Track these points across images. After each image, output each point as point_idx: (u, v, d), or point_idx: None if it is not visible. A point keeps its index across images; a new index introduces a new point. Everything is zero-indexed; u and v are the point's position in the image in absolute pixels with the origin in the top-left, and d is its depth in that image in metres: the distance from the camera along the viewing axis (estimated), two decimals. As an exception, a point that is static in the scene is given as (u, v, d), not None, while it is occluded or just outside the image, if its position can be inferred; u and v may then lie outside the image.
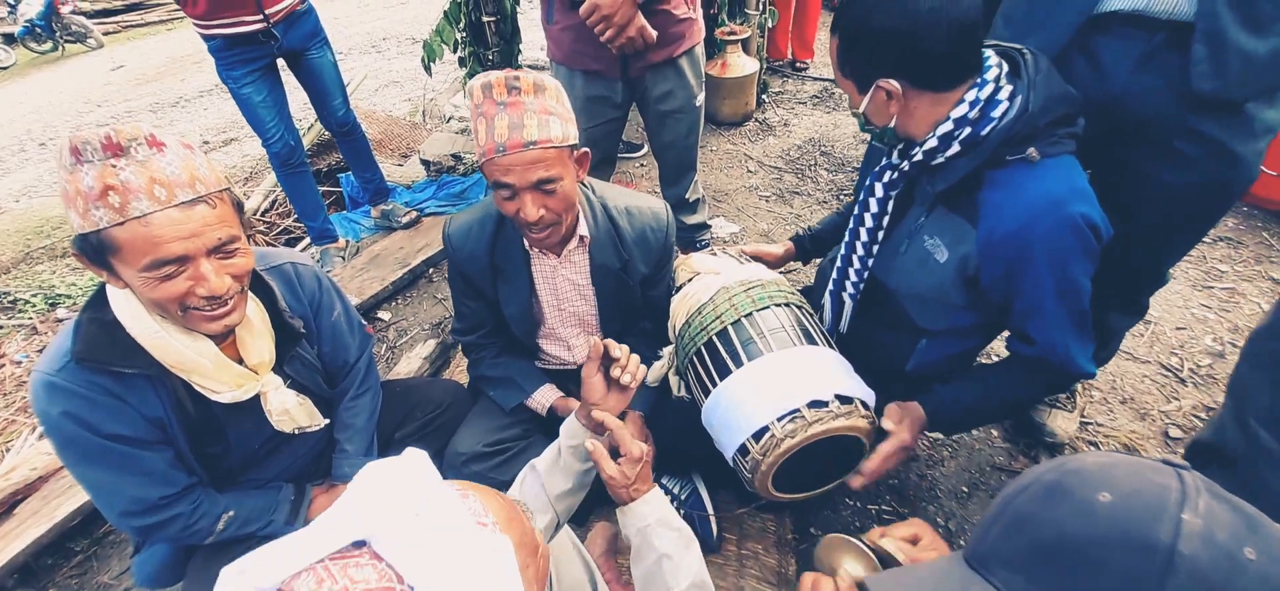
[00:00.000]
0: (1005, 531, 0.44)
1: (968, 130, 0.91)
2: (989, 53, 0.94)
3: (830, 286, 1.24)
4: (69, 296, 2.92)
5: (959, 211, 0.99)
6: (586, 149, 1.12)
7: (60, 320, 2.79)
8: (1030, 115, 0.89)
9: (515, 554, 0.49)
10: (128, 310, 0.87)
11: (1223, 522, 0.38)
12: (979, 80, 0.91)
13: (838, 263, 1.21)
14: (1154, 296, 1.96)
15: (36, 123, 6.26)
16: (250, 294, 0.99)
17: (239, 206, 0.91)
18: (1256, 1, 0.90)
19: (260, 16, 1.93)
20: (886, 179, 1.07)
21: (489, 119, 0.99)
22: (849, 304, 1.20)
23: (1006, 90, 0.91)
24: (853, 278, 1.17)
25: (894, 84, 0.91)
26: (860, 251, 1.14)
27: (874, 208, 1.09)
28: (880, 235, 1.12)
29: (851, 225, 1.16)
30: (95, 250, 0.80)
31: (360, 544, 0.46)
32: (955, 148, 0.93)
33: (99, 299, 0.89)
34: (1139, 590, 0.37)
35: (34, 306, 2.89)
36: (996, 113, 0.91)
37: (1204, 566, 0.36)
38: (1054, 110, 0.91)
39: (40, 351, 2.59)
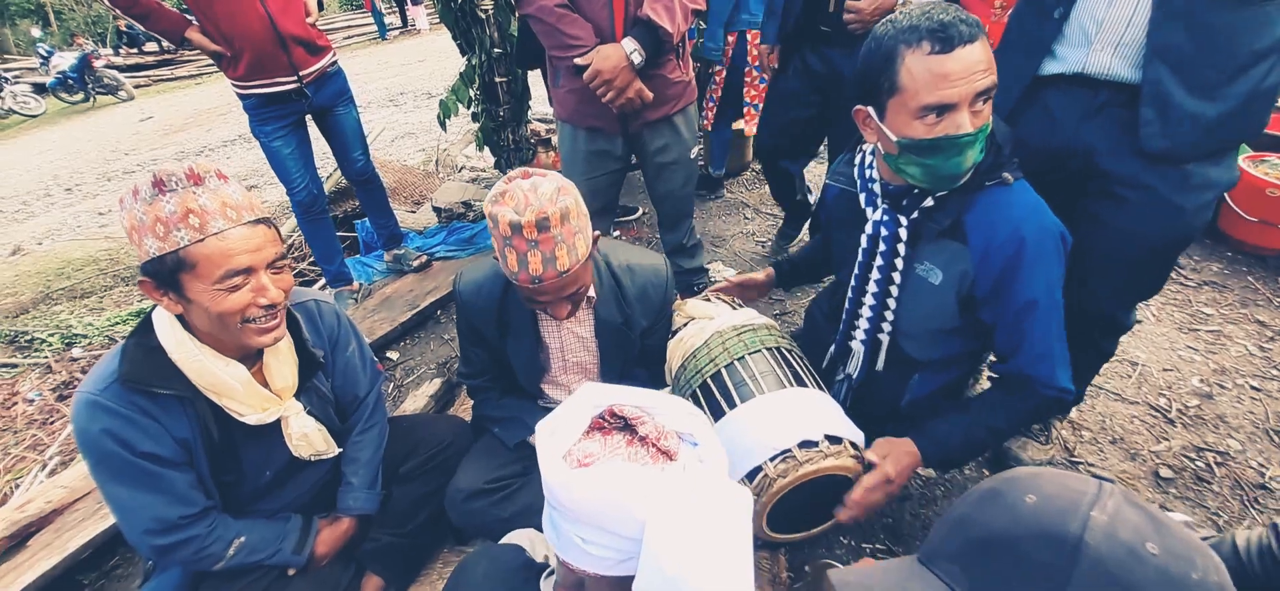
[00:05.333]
0: (949, 531, 0.50)
1: None
2: None
3: (861, 336, 1.23)
4: (85, 336, 3.00)
5: (947, 235, 1.06)
6: (598, 233, 1.19)
7: (75, 359, 2.85)
8: (997, 146, 1.01)
9: None
10: (171, 337, 0.97)
11: (1128, 521, 0.42)
12: None
13: (867, 314, 1.20)
14: (1141, 338, 2.02)
15: (64, 169, 6.53)
16: None
17: (279, 233, 1.03)
18: (1200, 68, 0.98)
19: (294, 78, 2.09)
20: (903, 232, 1.09)
21: (520, 252, 1.03)
22: (885, 342, 1.21)
23: None
24: (889, 318, 1.18)
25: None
26: (893, 296, 1.15)
27: (901, 251, 1.10)
28: (898, 274, 1.14)
29: (876, 280, 1.15)
30: (169, 271, 0.91)
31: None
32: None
33: (145, 327, 0.99)
34: (1050, 576, 0.41)
35: (50, 345, 2.96)
36: None
37: (1107, 557, 0.40)
38: (1008, 142, 1.02)
39: (53, 390, 2.65)
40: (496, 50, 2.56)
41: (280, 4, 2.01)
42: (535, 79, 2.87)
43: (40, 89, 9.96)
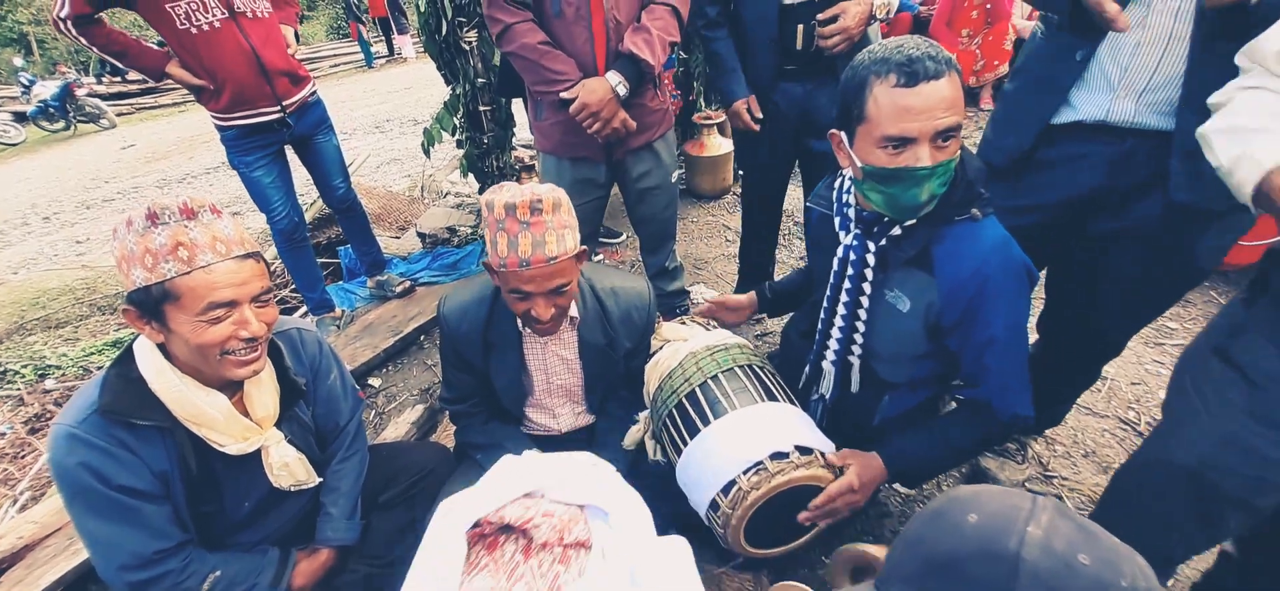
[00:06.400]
0: (902, 553, 0.52)
1: None
2: None
3: (831, 357, 1.25)
4: (58, 367, 2.93)
5: (915, 265, 1.09)
6: (586, 247, 1.22)
7: (48, 391, 2.79)
8: (969, 181, 1.04)
9: None
10: (152, 366, 0.97)
11: (1061, 533, 0.45)
12: None
13: (837, 335, 1.23)
14: (1108, 354, 2.09)
15: (42, 197, 6.43)
16: None
17: (267, 267, 1.04)
18: None
19: (278, 108, 2.11)
20: (870, 258, 1.12)
21: (511, 235, 1.08)
22: (856, 364, 1.23)
23: None
24: (858, 340, 1.21)
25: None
26: (861, 319, 1.18)
27: (869, 276, 1.14)
28: (866, 299, 1.17)
29: (845, 304, 1.18)
30: (155, 301, 0.92)
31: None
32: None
33: (126, 357, 0.99)
34: None
35: (23, 377, 2.89)
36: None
37: (1043, 570, 0.42)
38: (980, 180, 1.06)
39: (25, 423, 2.59)
40: (480, 80, 2.61)
41: (262, 37, 2.04)
42: (518, 106, 2.92)
43: (20, 117, 9.82)
